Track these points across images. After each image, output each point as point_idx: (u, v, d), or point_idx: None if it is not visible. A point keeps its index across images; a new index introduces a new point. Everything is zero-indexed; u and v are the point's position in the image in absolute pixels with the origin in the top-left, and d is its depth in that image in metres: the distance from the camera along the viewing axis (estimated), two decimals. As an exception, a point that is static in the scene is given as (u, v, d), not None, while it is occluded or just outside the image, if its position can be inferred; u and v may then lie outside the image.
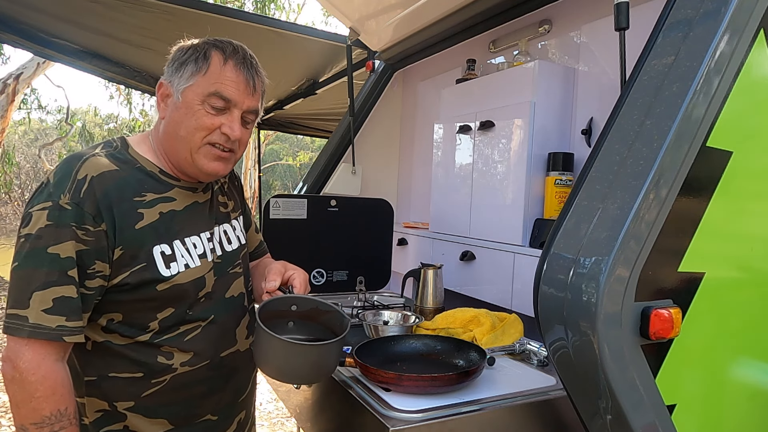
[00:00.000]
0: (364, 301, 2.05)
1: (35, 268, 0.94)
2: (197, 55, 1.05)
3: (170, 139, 1.08)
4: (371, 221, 2.25)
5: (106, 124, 17.04)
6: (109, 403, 1.04)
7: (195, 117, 1.04)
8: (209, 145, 1.07)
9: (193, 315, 1.10)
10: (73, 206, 0.96)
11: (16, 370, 0.93)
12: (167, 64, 1.10)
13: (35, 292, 0.93)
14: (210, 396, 1.13)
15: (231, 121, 1.07)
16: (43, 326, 0.93)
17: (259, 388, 4.30)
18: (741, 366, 1.14)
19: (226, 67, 1.05)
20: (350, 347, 1.33)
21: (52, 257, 0.94)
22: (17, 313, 0.93)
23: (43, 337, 0.93)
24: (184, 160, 1.08)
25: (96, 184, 0.99)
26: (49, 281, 0.93)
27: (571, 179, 1.72)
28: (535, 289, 1.03)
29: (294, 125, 4.95)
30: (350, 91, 2.55)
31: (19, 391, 0.93)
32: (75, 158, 1.02)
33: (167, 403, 1.08)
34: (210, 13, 2.68)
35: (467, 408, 1.14)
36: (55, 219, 0.95)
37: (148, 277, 1.02)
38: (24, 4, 2.68)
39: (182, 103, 1.05)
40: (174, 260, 1.06)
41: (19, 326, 0.92)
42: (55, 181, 0.98)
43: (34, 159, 12.81)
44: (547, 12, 1.92)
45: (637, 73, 1.06)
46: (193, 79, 1.04)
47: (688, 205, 0.99)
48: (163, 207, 1.07)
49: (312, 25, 15.38)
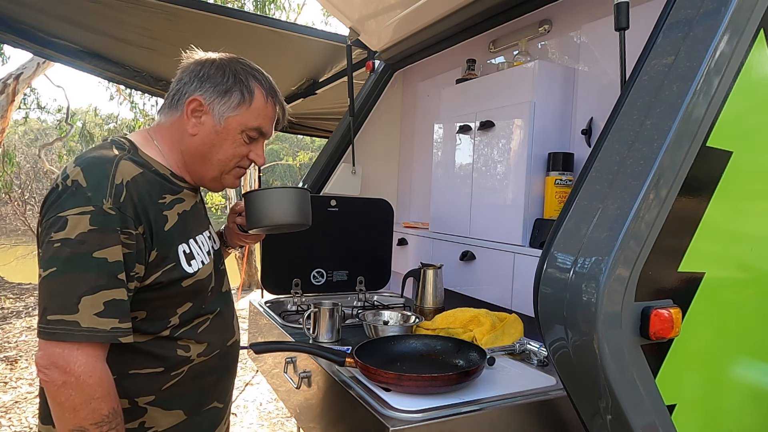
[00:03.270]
0: (364, 301, 2.06)
1: (81, 273, 0.93)
2: (242, 87, 1.11)
3: (201, 157, 1.13)
4: (371, 221, 2.25)
5: (106, 124, 17.03)
6: (129, 400, 1.05)
7: (234, 145, 1.13)
8: (238, 168, 1.18)
9: (205, 308, 1.16)
10: (116, 211, 0.96)
11: (69, 374, 0.91)
12: (197, 76, 1.11)
13: (84, 297, 0.92)
14: (217, 384, 1.19)
15: (259, 150, 1.18)
16: (98, 329, 0.92)
17: (259, 388, 4.31)
18: (741, 366, 1.14)
19: (268, 105, 1.15)
20: (350, 347, 1.33)
21: (99, 262, 0.94)
22: (63, 319, 0.91)
23: (99, 340, 0.93)
24: (211, 178, 1.16)
25: (132, 189, 1.00)
26: (98, 285, 0.93)
27: (571, 179, 1.72)
28: (535, 289, 1.03)
29: (294, 125, 4.94)
30: (350, 91, 2.55)
31: (77, 395, 0.92)
32: (105, 161, 1.01)
33: (183, 394, 1.12)
34: (210, 13, 2.67)
35: (467, 408, 1.14)
36: (99, 224, 0.94)
37: (176, 276, 1.07)
38: (24, 4, 2.68)
39: (223, 128, 1.12)
40: (193, 258, 1.11)
41: (69, 331, 0.91)
42: (91, 184, 0.97)
43: (34, 159, 12.81)
44: (547, 12, 1.92)
45: (637, 73, 1.06)
46: (239, 110, 1.11)
47: (688, 205, 0.99)
48: (179, 208, 1.11)
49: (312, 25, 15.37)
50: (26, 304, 7.21)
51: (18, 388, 4.22)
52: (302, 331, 1.74)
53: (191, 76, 1.12)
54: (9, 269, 9.92)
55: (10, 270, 9.85)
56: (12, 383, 4.30)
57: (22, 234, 13.12)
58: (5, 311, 6.72)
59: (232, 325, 1.27)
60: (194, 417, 1.14)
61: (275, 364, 1.74)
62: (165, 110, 1.16)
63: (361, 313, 1.78)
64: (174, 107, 1.13)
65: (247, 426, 3.68)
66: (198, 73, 1.12)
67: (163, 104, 1.17)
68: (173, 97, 1.14)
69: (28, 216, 10.29)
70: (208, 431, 1.18)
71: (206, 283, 1.15)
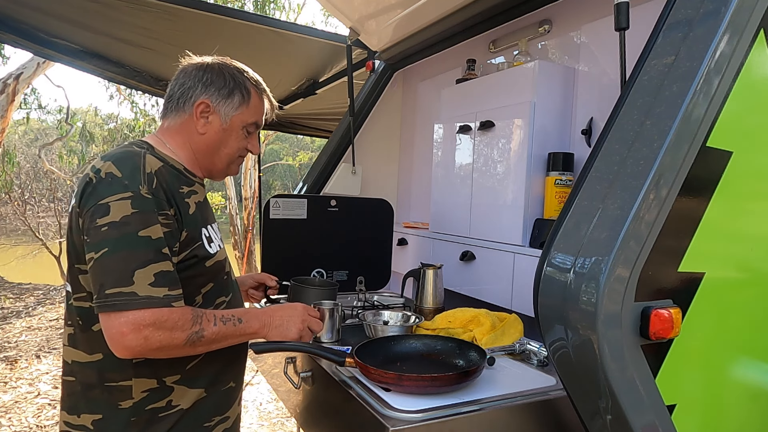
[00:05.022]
0: (364, 301, 2.05)
1: (131, 251, 1.02)
2: (241, 89, 1.26)
3: (211, 152, 1.27)
4: (371, 221, 2.25)
5: (106, 124, 17.02)
6: (158, 380, 1.13)
7: (237, 139, 1.28)
8: (239, 157, 1.32)
9: (223, 290, 1.26)
10: (152, 195, 1.07)
11: (144, 328, 1.00)
12: (201, 81, 1.23)
13: (137, 270, 1.02)
14: (232, 363, 1.27)
15: (255, 141, 1.34)
16: (153, 297, 1.02)
17: (259, 388, 4.30)
18: (741, 366, 1.14)
19: (262, 101, 1.31)
20: (350, 347, 1.33)
21: (145, 239, 1.04)
22: (122, 291, 1.00)
23: (156, 305, 1.02)
24: (219, 169, 1.30)
25: (160, 177, 1.12)
26: (147, 260, 1.03)
27: (571, 179, 1.72)
28: (535, 289, 1.03)
29: (294, 125, 4.94)
30: (350, 91, 2.55)
31: (160, 333, 1.02)
32: (134, 155, 1.12)
33: (204, 372, 1.19)
34: (210, 13, 2.67)
35: (467, 408, 1.14)
36: (139, 206, 1.05)
37: (203, 254, 1.17)
38: (24, 4, 2.67)
39: (229, 126, 1.26)
40: (212, 241, 1.23)
41: (128, 301, 1.00)
42: (126, 174, 1.07)
43: (34, 159, 12.80)
44: (547, 12, 1.92)
45: (637, 73, 1.06)
46: (240, 109, 1.26)
47: (688, 205, 0.99)
48: (195, 198, 1.22)
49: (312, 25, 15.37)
50: (26, 304, 7.21)
51: (18, 388, 4.22)
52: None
53: (194, 81, 1.24)
54: (9, 269, 9.92)
55: (10, 270, 9.86)
56: (12, 383, 4.30)
57: (22, 234, 13.11)
58: (5, 311, 6.72)
59: None
60: (213, 395, 1.21)
61: (275, 364, 1.74)
62: (171, 113, 1.26)
63: (361, 313, 1.78)
64: (181, 110, 1.24)
65: (247, 426, 3.67)
66: (201, 78, 1.24)
67: (167, 108, 1.27)
68: (178, 100, 1.25)
69: (28, 216, 10.28)
70: (225, 408, 1.25)
71: (224, 264, 1.27)
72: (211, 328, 1.09)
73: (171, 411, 1.13)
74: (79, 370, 1.13)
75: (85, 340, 1.12)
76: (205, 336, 1.08)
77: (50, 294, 7.84)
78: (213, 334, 1.09)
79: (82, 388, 1.13)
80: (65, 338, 1.17)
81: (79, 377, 1.13)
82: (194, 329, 1.06)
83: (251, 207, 9.28)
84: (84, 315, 1.12)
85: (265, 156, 17.24)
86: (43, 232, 10.19)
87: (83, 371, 1.12)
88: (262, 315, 1.22)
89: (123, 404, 1.10)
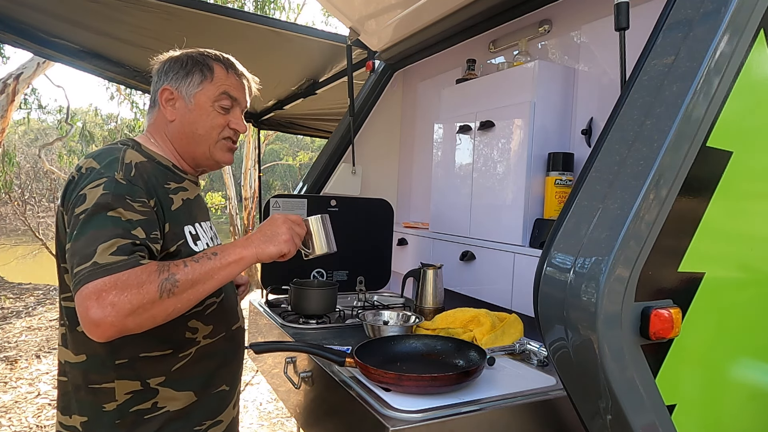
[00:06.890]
0: (364, 301, 2.05)
1: (97, 230, 0.97)
2: (201, 66, 1.23)
3: (186, 137, 1.23)
4: (371, 221, 2.25)
5: (106, 124, 17.02)
6: (141, 382, 1.11)
7: (209, 117, 1.23)
8: (224, 140, 1.26)
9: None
10: (126, 182, 1.05)
11: (113, 288, 0.90)
12: (162, 72, 1.24)
13: (99, 245, 0.95)
14: (224, 367, 1.25)
15: (237, 118, 1.27)
16: (113, 263, 0.93)
17: (259, 388, 4.31)
18: (741, 366, 1.14)
19: (230, 76, 1.25)
20: (350, 347, 1.33)
21: (113, 219, 0.99)
22: (84, 266, 0.93)
23: (122, 269, 0.93)
24: (201, 154, 1.25)
25: (140, 169, 1.10)
26: (113, 235, 0.97)
27: (571, 179, 1.72)
28: (535, 289, 1.03)
29: (294, 125, 4.94)
30: (350, 91, 2.55)
31: (145, 275, 0.93)
32: (115, 150, 1.12)
33: (192, 375, 1.17)
34: (210, 13, 2.67)
35: (467, 408, 1.14)
36: (111, 189, 1.02)
37: (187, 252, 1.13)
38: (24, 4, 2.67)
39: (195, 105, 1.22)
40: (199, 239, 1.20)
41: (90, 271, 0.92)
42: (104, 164, 1.06)
43: (34, 159, 12.80)
44: (547, 12, 1.92)
45: (637, 73, 1.06)
46: (203, 85, 1.22)
47: (688, 205, 0.99)
48: (183, 195, 1.20)
49: (312, 25, 15.38)
50: (26, 304, 7.21)
51: (18, 388, 4.22)
52: (302, 332, 1.74)
53: (158, 75, 1.25)
54: (9, 269, 9.92)
55: (10, 270, 9.85)
56: (12, 383, 4.30)
57: (22, 234, 13.12)
58: (5, 311, 6.72)
59: (237, 311, 1.34)
60: (204, 398, 1.19)
61: (275, 364, 1.74)
62: (148, 112, 1.29)
63: (361, 313, 1.78)
64: (153, 106, 1.26)
65: (247, 426, 3.67)
66: (161, 69, 1.25)
67: (147, 109, 1.30)
68: (150, 98, 1.27)
69: (28, 216, 10.28)
70: (217, 412, 1.23)
71: None
72: (182, 269, 0.98)
73: (157, 413, 1.11)
74: (69, 370, 1.13)
75: (72, 340, 1.12)
76: (180, 279, 0.96)
77: (50, 294, 7.84)
78: (187, 274, 0.98)
79: (72, 389, 1.12)
80: (59, 338, 1.16)
81: (69, 377, 1.13)
82: (163, 276, 0.95)
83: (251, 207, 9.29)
84: (71, 315, 1.11)
85: (265, 156, 17.24)
86: (43, 232, 10.19)
87: (72, 372, 1.12)
88: (241, 240, 1.11)
89: (107, 406, 1.09)
